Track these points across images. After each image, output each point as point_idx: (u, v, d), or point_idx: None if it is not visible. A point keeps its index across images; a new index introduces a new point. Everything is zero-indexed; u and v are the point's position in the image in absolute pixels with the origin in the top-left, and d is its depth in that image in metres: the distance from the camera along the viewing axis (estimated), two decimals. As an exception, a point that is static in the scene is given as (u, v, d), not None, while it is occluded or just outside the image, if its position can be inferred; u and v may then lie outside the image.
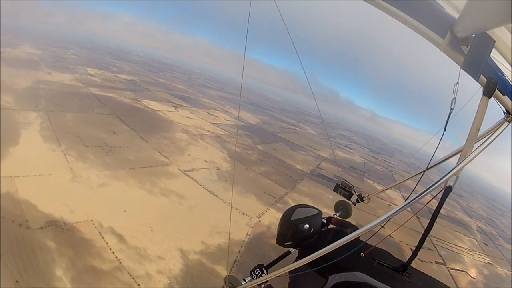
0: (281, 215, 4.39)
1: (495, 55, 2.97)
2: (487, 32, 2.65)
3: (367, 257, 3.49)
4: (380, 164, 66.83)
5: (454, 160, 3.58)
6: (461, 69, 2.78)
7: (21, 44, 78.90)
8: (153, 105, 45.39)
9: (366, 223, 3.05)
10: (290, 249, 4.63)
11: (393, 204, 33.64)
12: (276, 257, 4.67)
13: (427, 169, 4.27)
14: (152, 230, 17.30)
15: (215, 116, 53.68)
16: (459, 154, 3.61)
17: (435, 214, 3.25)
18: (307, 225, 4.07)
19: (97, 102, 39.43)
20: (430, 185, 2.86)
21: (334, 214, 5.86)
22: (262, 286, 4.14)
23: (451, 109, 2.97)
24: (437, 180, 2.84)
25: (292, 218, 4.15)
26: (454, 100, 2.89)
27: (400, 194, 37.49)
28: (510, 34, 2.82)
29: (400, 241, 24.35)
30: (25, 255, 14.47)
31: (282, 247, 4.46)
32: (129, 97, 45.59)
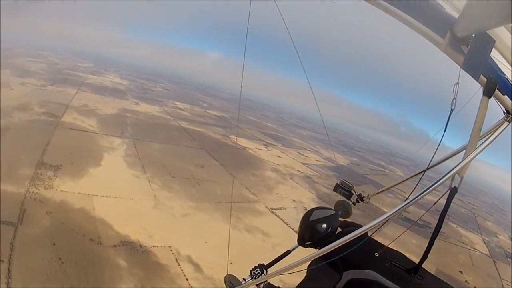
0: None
1: (495, 55, 3.02)
2: (487, 32, 2.73)
3: (381, 257, 3.70)
4: (465, 206, 63.81)
5: (454, 161, 3.61)
6: (461, 69, 2.86)
7: (106, 73, 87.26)
8: (243, 142, 46.86)
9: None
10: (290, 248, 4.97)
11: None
12: (276, 257, 4.82)
13: (427, 169, 4.28)
14: (231, 263, 17.61)
15: (305, 156, 54.42)
16: (459, 154, 3.64)
17: (443, 215, 3.40)
18: (324, 225, 4.29)
19: (186, 135, 41.96)
20: (432, 183, 2.99)
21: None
22: (261, 285, 4.29)
23: (452, 110, 3.06)
24: (438, 178, 2.99)
25: (310, 219, 4.39)
26: (454, 100, 2.99)
27: (481, 238, 34.96)
28: (510, 34, 2.87)
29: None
30: (90, 267, 15.67)
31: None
32: (219, 133, 47.55)
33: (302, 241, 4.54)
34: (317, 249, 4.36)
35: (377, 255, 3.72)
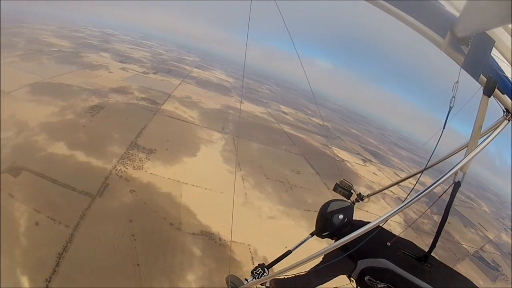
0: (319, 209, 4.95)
1: (495, 55, 3.09)
2: (487, 32, 2.82)
3: (393, 246, 4.01)
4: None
5: (454, 159, 3.70)
6: (461, 69, 2.96)
7: (212, 69, 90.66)
8: (342, 154, 46.47)
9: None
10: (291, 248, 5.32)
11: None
12: (277, 257, 5.09)
13: (426, 168, 4.32)
14: (308, 271, 17.90)
15: (401, 177, 50.87)
16: (458, 153, 3.70)
17: (448, 208, 3.68)
18: (341, 215, 4.64)
19: (287, 139, 42.47)
20: (437, 179, 3.22)
21: None
22: (266, 285, 4.53)
23: (450, 108, 3.17)
24: (443, 174, 3.23)
25: (328, 210, 4.72)
26: (453, 98, 3.09)
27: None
28: (510, 34, 2.94)
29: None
30: (163, 249, 16.51)
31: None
32: (319, 142, 47.26)
33: (320, 232, 4.90)
34: (333, 240, 4.79)
35: (389, 244, 4.02)
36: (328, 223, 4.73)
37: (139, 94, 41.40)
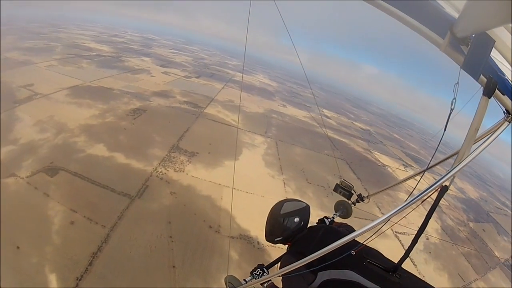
0: (269, 210, 4.63)
1: (495, 55, 3.05)
2: (486, 32, 2.81)
3: (358, 255, 3.71)
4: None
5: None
6: (461, 69, 2.94)
7: (255, 73, 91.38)
8: (384, 159, 45.87)
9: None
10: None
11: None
12: (276, 258, 4.78)
13: (427, 168, 4.17)
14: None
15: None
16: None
17: (430, 214, 3.40)
18: (297, 218, 4.37)
19: (330, 144, 42.38)
20: (428, 187, 3.11)
21: (334, 214, 5.79)
22: (265, 285, 4.48)
23: (451, 109, 3.14)
24: (433, 182, 3.09)
25: (281, 212, 4.43)
26: (454, 100, 3.05)
27: None
28: (510, 34, 2.90)
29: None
30: (200, 251, 16.57)
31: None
32: (362, 146, 46.99)
33: (271, 236, 4.54)
34: (287, 245, 4.59)
35: (354, 253, 3.70)
36: (281, 227, 4.45)
37: (182, 97, 42.42)
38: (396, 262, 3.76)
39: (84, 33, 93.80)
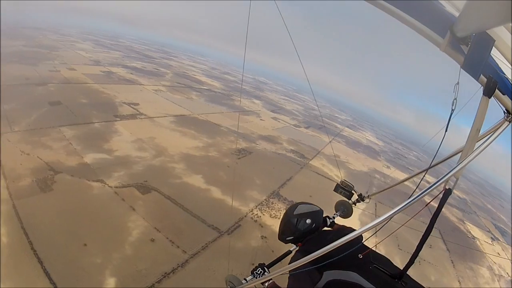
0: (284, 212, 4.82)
1: (495, 55, 3.05)
2: (487, 31, 2.88)
3: (365, 259, 3.83)
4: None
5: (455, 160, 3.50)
6: (461, 69, 3.00)
7: (362, 129, 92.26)
8: (475, 231, 43.14)
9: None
10: (291, 248, 5.07)
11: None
12: (278, 257, 5.08)
13: (428, 168, 4.00)
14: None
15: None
16: (459, 154, 3.46)
17: (434, 218, 3.41)
18: (309, 220, 4.57)
19: (427, 210, 40.27)
20: (429, 186, 3.21)
21: (334, 214, 5.59)
22: (266, 284, 4.57)
23: (452, 110, 3.20)
24: (436, 180, 3.19)
25: (295, 213, 4.66)
26: (455, 100, 3.13)
27: None
28: (510, 34, 2.93)
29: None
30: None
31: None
32: (456, 216, 44.66)
33: (283, 235, 4.81)
34: (297, 247, 4.79)
35: (361, 256, 3.83)
36: (293, 227, 4.67)
37: (288, 145, 43.15)
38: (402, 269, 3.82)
39: (195, 65, 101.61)
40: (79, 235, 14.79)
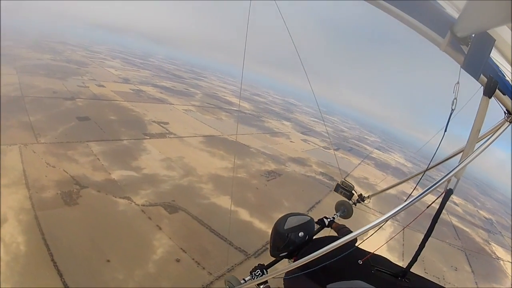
0: (273, 225, 4.87)
1: (495, 55, 3.04)
2: (487, 31, 2.90)
3: (365, 264, 3.86)
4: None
5: (455, 161, 3.45)
6: (461, 69, 3.02)
7: (392, 151, 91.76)
8: (500, 252, 41.39)
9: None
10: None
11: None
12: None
13: (427, 169, 3.91)
14: None
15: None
16: (459, 154, 3.43)
17: (436, 218, 3.43)
18: (301, 233, 4.60)
19: (453, 233, 39.82)
20: (429, 186, 3.22)
21: (334, 214, 5.55)
22: (261, 286, 4.62)
23: (452, 110, 3.21)
24: (436, 181, 3.20)
25: (285, 227, 4.67)
26: (455, 100, 3.15)
27: None
28: (510, 33, 2.94)
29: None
30: None
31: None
32: (482, 237, 43.64)
33: (276, 251, 4.85)
34: (292, 260, 4.77)
35: (361, 262, 3.86)
36: (286, 242, 4.69)
37: (318, 168, 42.99)
38: (404, 267, 3.94)
39: (225, 86, 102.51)
40: (103, 251, 14.95)
